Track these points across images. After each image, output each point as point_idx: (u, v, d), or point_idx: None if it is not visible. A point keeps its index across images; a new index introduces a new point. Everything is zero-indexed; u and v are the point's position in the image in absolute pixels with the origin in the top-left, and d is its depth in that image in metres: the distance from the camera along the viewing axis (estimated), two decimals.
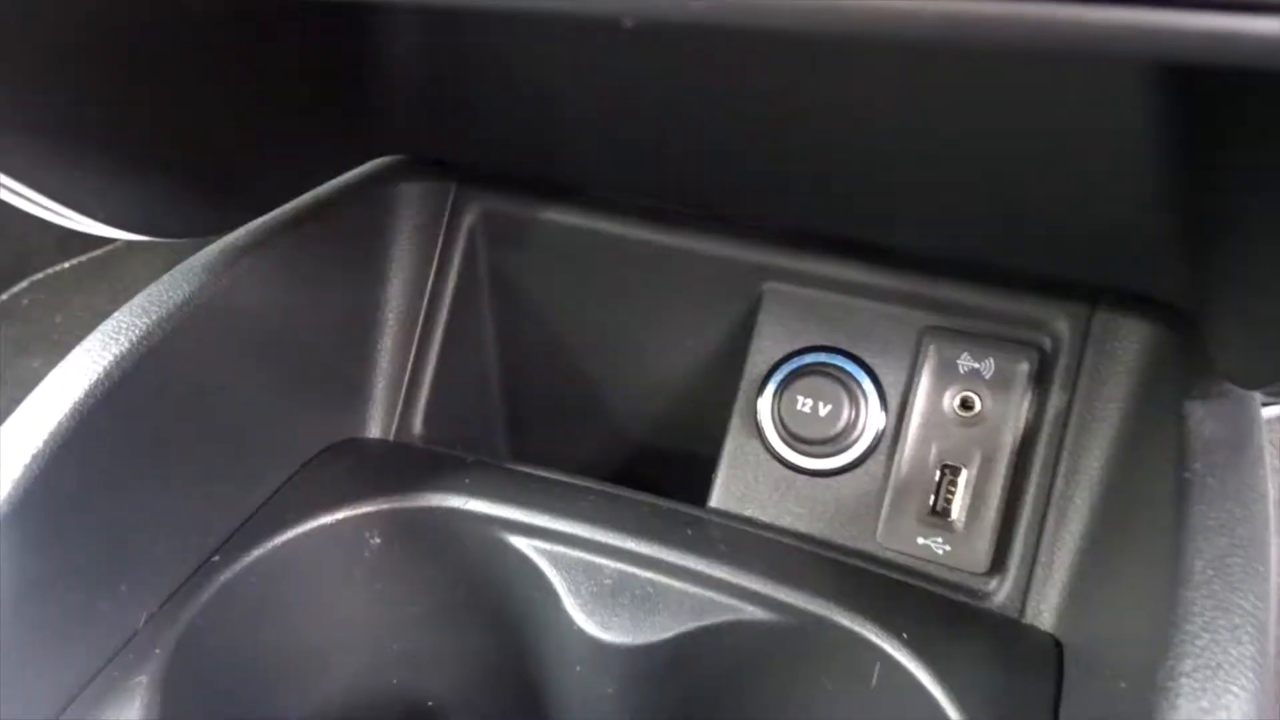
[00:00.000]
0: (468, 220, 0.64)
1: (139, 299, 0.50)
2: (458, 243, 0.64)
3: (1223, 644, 0.33)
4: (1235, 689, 0.32)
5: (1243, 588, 0.35)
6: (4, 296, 1.54)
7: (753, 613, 0.50)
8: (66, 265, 1.56)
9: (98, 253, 1.60)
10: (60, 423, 0.43)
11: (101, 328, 0.48)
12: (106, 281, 1.60)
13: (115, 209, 0.46)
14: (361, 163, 0.64)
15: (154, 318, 0.48)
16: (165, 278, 0.52)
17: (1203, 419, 0.42)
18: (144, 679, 0.45)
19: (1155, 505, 0.42)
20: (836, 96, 0.41)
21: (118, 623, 0.47)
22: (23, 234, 1.58)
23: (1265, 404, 0.47)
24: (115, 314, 0.49)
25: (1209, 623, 0.34)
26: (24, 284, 1.56)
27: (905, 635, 0.47)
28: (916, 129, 0.41)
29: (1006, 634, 0.50)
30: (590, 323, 0.63)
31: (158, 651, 0.46)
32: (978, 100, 0.38)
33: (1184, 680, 0.32)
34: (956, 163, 0.42)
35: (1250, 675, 0.33)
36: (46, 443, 0.43)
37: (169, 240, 0.51)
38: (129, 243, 1.65)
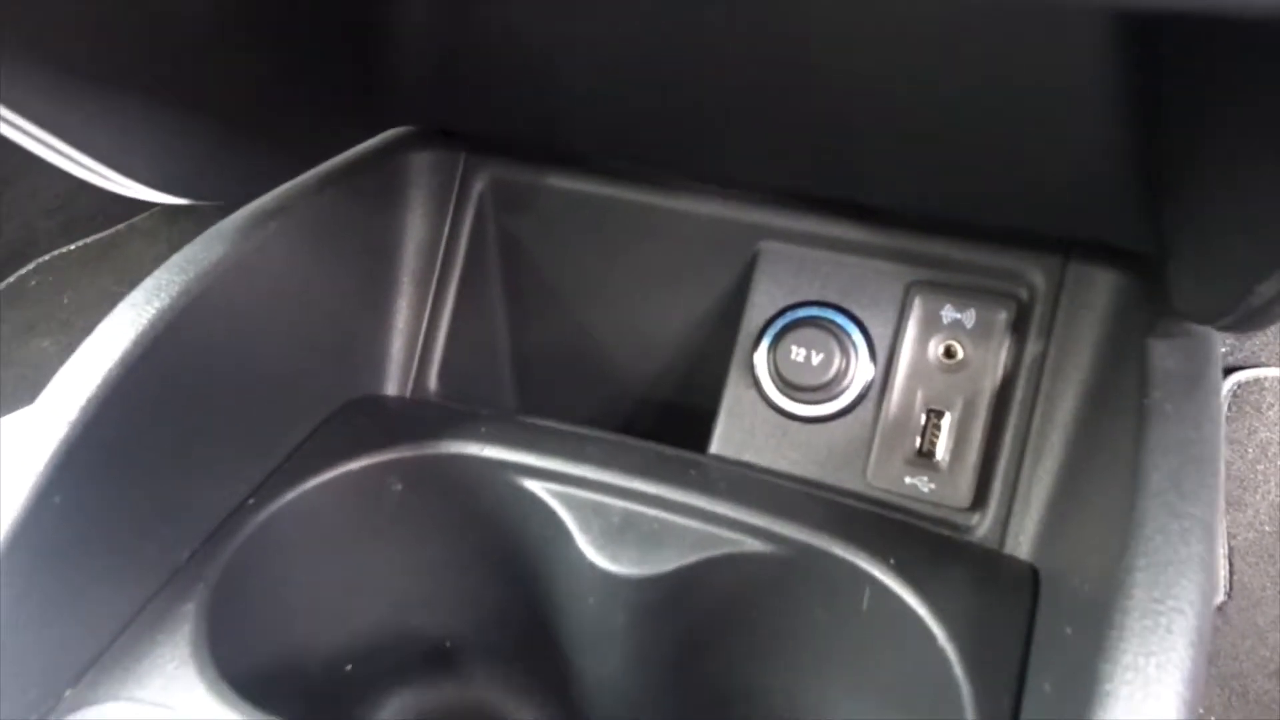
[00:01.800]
0: (477, 188, 0.68)
1: (176, 258, 0.53)
2: (468, 209, 0.67)
3: (1173, 544, 0.37)
4: (1184, 581, 0.36)
5: (1194, 497, 0.39)
6: (11, 279, 1.56)
7: (752, 545, 0.53)
8: (72, 247, 1.59)
9: (102, 235, 1.62)
10: (109, 373, 0.47)
11: (143, 285, 0.51)
12: (111, 263, 1.63)
13: (158, 173, 0.49)
14: (375, 133, 0.67)
15: (191, 275, 0.51)
16: (198, 240, 0.56)
17: (1164, 354, 0.46)
18: (191, 607, 0.49)
19: (1119, 435, 0.46)
20: (823, 58, 0.45)
21: (163, 558, 0.51)
22: (28, 219, 1.61)
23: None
24: (155, 273, 0.52)
25: (1162, 526, 0.38)
26: (30, 266, 1.58)
27: (893, 562, 0.51)
28: (896, 89, 0.45)
29: (987, 563, 0.54)
30: (595, 283, 0.67)
31: (201, 584, 0.50)
32: (950, 58, 0.41)
33: (1138, 574, 0.36)
34: (933, 120, 0.46)
35: (1197, 570, 0.36)
36: (97, 392, 0.46)
37: (201, 204, 0.55)
38: (131, 226, 1.67)
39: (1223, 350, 1.00)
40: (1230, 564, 0.99)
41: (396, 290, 0.67)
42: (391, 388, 0.66)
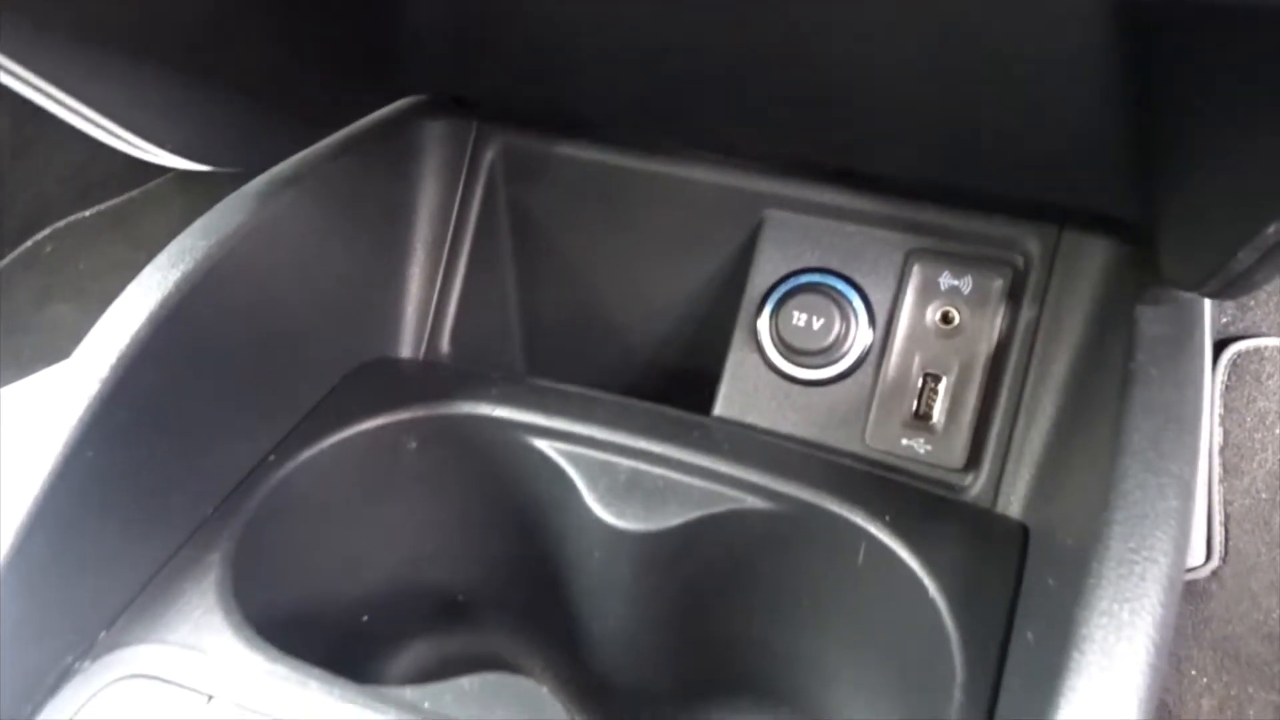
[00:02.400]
0: (488, 156, 0.69)
1: (199, 223, 0.55)
2: (479, 176, 0.69)
3: (1151, 499, 0.39)
4: (1159, 534, 0.38)
5: (1172, 455, 0.40)
6: (28, 244, 1.58)
7: (753, 502, 0.55)
8: (86, 214, 1.61)
9: (115, 202, 1.64)
10: (138, 334, 0.49)
11: (168, 249, 0.53)
12: (125, 230, 1.65)
13: (178, 139, 0.51)
14: (389, 102, 0.69)
15: (214, 241, 0.53)
16: (219, 207, 0.57)
17: (1151, 320, 0.48)
18: (216, 557, 0.51)
19: (1107, 398, 0.47)
20: (826, 29, 0.46)
21: (189, 511, 0.53)
22: (43, 186, 1.63)
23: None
24: (179, 237, 0.54)
25: (1141, 482, 0.39)
26: (46, 232, 1.60)
27: (888, 519, 0.53)
28: (895, 60, 0.46)
29: (979, 521, 0.56)
30: (602, 249, 0.69)
31: (225, 536, 0.53)
32: (947, 29, 0.43)
33: (1115, 527, 0.38)
34: (931, 89, 0.47)
35: (1173, 524, 0.38)
36: (127, 351, 0.48)
37: (221, 170, 0.57)
38: (144, 193, 1.69)
39: (1224, 321, 1.01)
40: (1226, 530, 1.01)
41: (410, 256, 0.69)
42: (405, 350, 0.68)
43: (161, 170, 1.53)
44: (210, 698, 0.44)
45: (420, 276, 0.69)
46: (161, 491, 0.51)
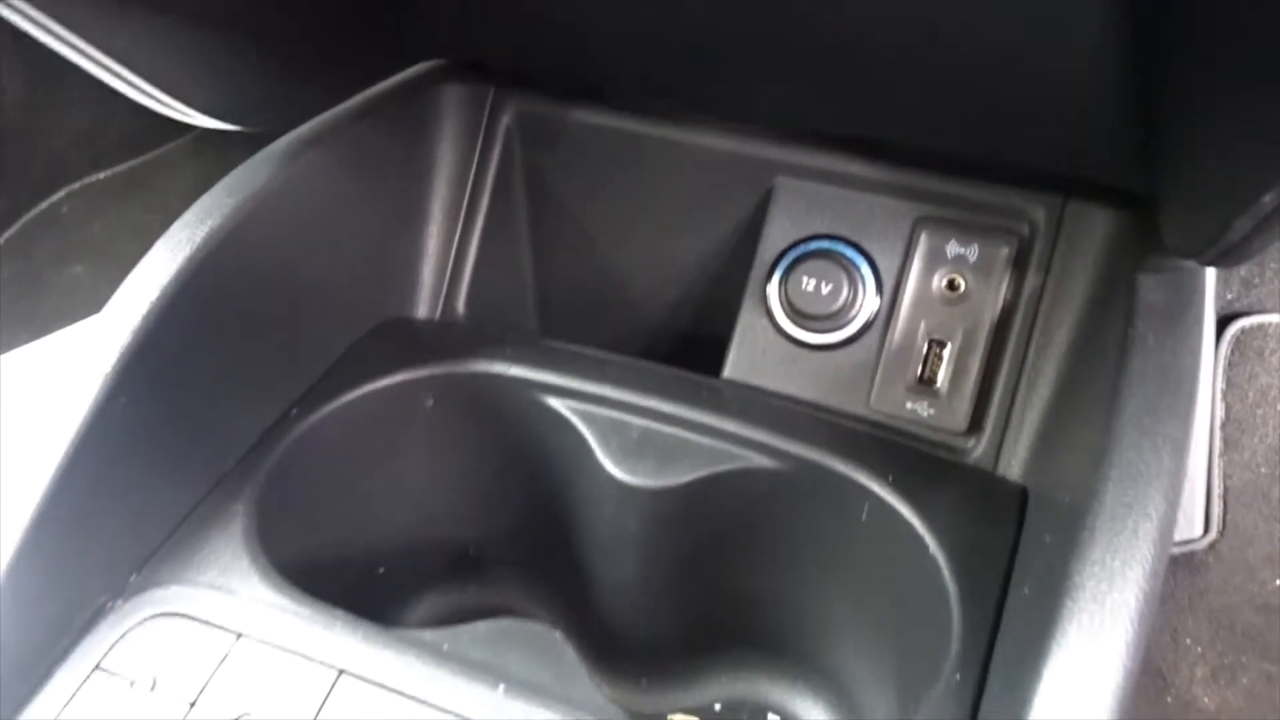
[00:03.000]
0: (505, 120, 0.70)
1: (225, 182, 0.56)
2: (496, 141, 0.70)
3: (1145, 459, 0.41)
4: (1152, 491, 0.40)
5: (1167, 418, 0.42)
6: (44, 205, 1.60)
7: (760, 461, 0.57)
8: (101, 176, 1.62)
9: (129, 165, 1.65)
10: (167, 288, 0.51)
11: (195, 207, 0.54)
12: (139, 193, 1.66)
13: (207, 98, 0.52)
14: (407, 66, 0.70)
15: (239, 199, 0.55)
16: (243, 166, 0.59)
17: (1151, 288, 0.49)
18: (241, 505, 0.53)
19: (1107, 364, 0.49)
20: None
21: (214, 461, 0.55)
22: (57, 148, 1.64)
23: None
24: (205, 195, 0.56)
25: (1135, 442, 0.41)
26: (61, 193, 1.62)
27: (891, 479, 0.55)
28: (905, 28, 0.47)
29: (980, 483, 0.57)
30: (616, 214, 0.70)
31: (249, 486, 0.54)
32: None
33: (1110, 485, 0.40)
34: (940, 58, 0.48)
35: (1165, 482, 0.40)
36: (157, 304, 0.50)
37: (237, 132, 0.58)
38: (157, 157, 1.71)
39: (1229, 297, 1.02)
40: (1224, 504, 1.02)
41: (427, 218, 0.70)
42: (422, 311, 0.70)
43: (173, 135, 1.54)
44: (239, 635, 0.46)
45: (437, 238, 0.70)
46: (189, 440, 0.53)
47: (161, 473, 0.51)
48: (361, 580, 0.64)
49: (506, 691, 0.44)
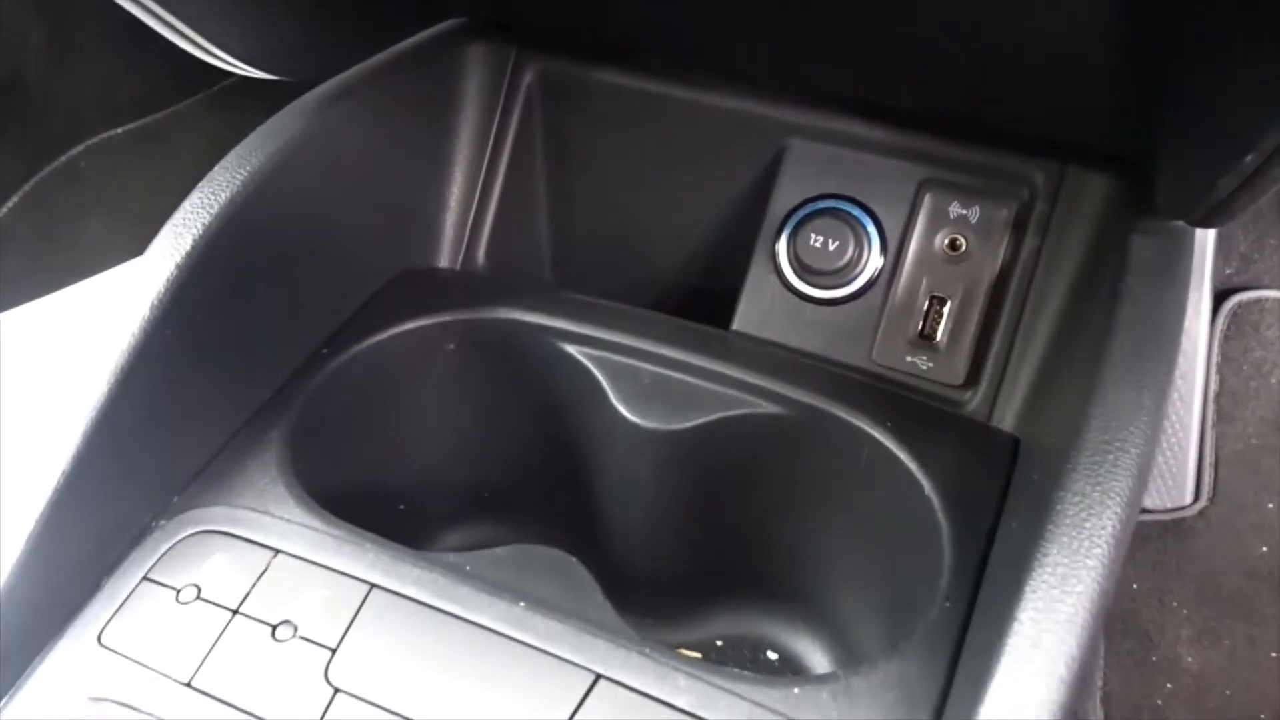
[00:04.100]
0: (527, 78, 0.73)
1: (261, 129, 0.59)
2: (518, 98, 0.73)
3: (1127, 398, 0.43)
4: (1133, 428, 0.43)
5: (1150, 361, 0.45)
6: (62, 159, 1.62)
7: (766, 407, 0.60)
8: (120, 131, 1.64)
9: (147, 121, 1.67)
10: (208, 227, 0.53)
11: (234, 152, 0.57)
12: (157, 149, 1.68)
13: (245, 46, 0.55)
14: (433, 23, 0.72)
15: (275, 145, 0.58)
16: (275, 117, 0.61)
17: (1141, 246, 0.52)
18: (275, 435, 0.56)
19: (1097, 318, 0.51)
20: None
21: (251, 393, 0.58)
22: (77, 103, 1.66)
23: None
24: (243, 142, 0.58)
25: (1118, 382, 0.44)
26: (80, 148, 1.64)
27: (890, 425, 0.58)
28: None
29: (974, 432, 0.60)
30: (633, 172, 0.73)
31: (283, 418, 0.58)
32: None
33: (1094, 421, 0.43)
34: (942, 17, 0.50)
35: (1146, 421, 0.43)
36: (198, 241, 0.53)
37: (279, 79, 0.60)
38: (174, 113, 1.72)
39: (1228, 272, 1.05)
40: (1215, 473, 1.05)
41: (450, 172, 0.73)
42: (443, 261, 0.73)
43: (189, 93, 1.56)
44: (276, 552, 0.49)
45: (459, 192, 0.73)
46: (228, 372, 0.56)
47: (203, 401, 0.55)
48: (383, 515, 0.67)
49: (526, 607, 0.47)
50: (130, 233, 1.41)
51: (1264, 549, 1.06)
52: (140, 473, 0.52)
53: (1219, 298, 1.03)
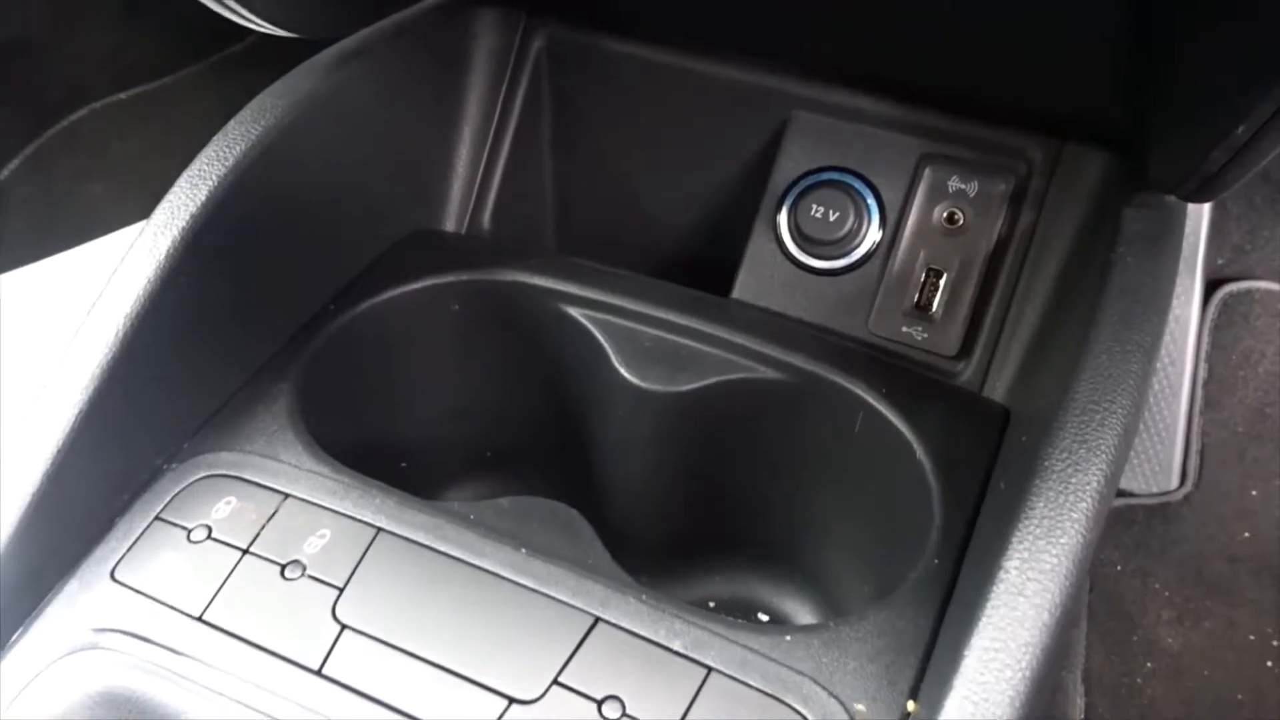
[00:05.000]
0: (536, 46, 0.74)
1: (275, 86, 0.60)
2: (526, 65, 0.74)
3: (1116, 361, 0.45)
4: (1120, 390, 0.44)
5: (1139, 327, 0.46)
6: (65, 122, 1.62)
7: (765, 371, 0.61)
8: (123, 96, 1.64)
9: (151, 86, 1.67)
10: (224, 178, 0.54)
11: (249, 106, 0.58)
12: (159, 115, 1.68)
13: (270, 4, 0.56)
14: None
15: (290, 101, 0.59)
16: (289, 75, 0.62)
17: (1134, 219, 0.53)
18: (285, 386, 0.57)
19: (1088, 289, 0.53)
20: None
21: (261, 344, 0.59)
22: (81, 67, 1.66)
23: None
24: (258, 97, 0.59)
25: (1107, 348, 0.45)
26: (83, 112, 1.64)
27: (884, 391, 0.59)
28: None
29: (966, 401, 0.62)
30: (638, 141, 0.74)
31: (292, 369, 0.59)
32: None
33: (1083, 383, 0.44)
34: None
35: (1133, 384, 0.44)
36: (214, 191, 0.54)
37: (297, 37, 0.61)
38: (178, 80, 1.72)
39: (1220, 263, 1.06)
40: (1201, 459, 1.07)
41: (458, 137, 0.74)
42: (449, 224, 0.74)
43: (193, 60, 1.57)
44: (286, 496, 0.51)
45: (467, 156, 0.74)
46: (239, 323, 0.57)
47: (214, 350, 0.56)
48: (385, 473, 0.69)
49: (528, 553, 0.49)
50: (132, 196, 1.41)
51: (1246, 534, 1.07)
52: (153, 417, 0.53)
53: (1211, 287, 1.04)
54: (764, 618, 0.70)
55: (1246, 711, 1.01)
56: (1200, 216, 0.91)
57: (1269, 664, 1.02)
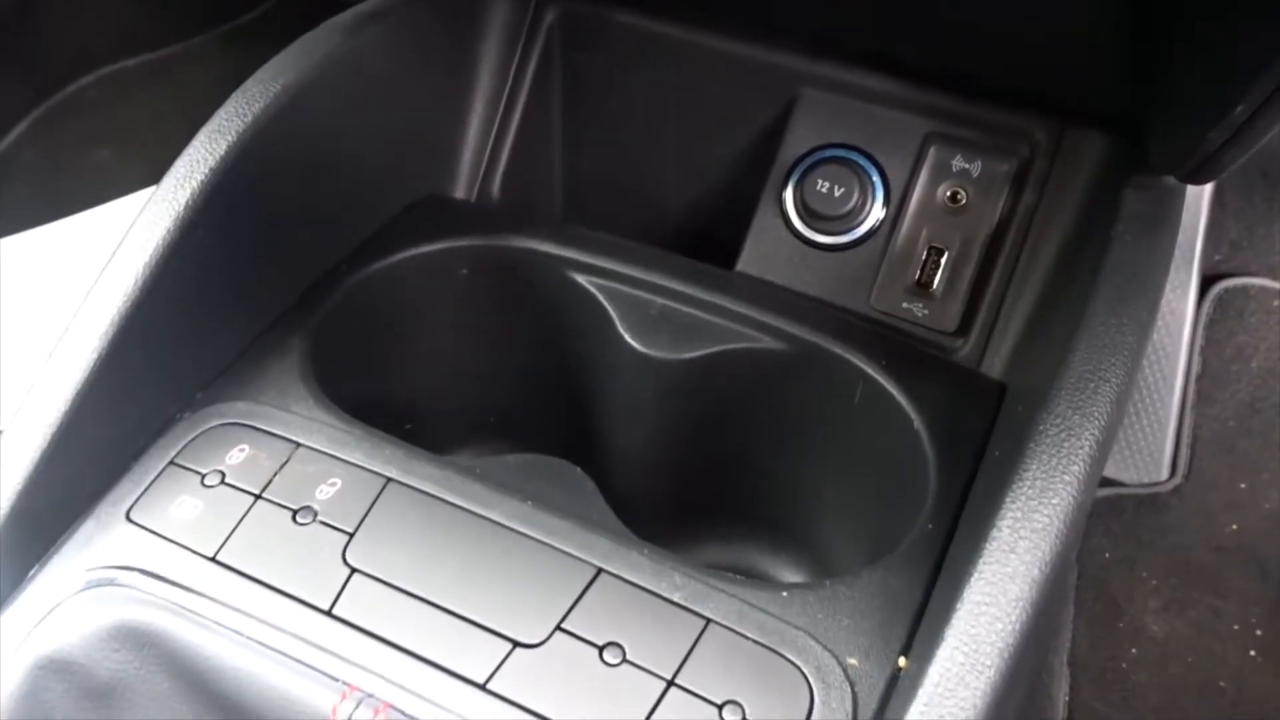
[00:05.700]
0: (548, 18, 0.75)
1: (293, 47, 0.61)
2: (538, 36, 0.75)
3: (1111, 333, 0.46)
4: (1115, 360, 0.45)
5: (1135, 301, 0.48)
6: (71, 88, 1.63)
7: (767, 341, 0.63)
8: (131, 63, 1.65)
9: (159, 54, 1.68)
10: (242, 134, 0.55)
11: (268, 64, 0.59)
12: (166, 83, 1.69)
13: None
14: None
15: (307, 62, 0.59)
16: (307, 36, 0.63)
17: (1133, 200, 0.55)
18: (296, 340, 0.59)
19: (1086, 268, 0.54)
20: None
21: (273, 299, 0.60)
22: (89, 33, 1.66)
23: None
24: (272, 60, 0.60)
25: (1103, 320, 0.47)
26: (90, 77, 1.64)
27: (884, 363, 0.60)
28: None
29: (964, 376, 0.63)
30: (647, 114, 0.75)
31: (304, 324, 0.60)
32: None
33: (1078, 354, 0.46)
34: None
35: (1127, 356, 0.46)
36: (232, 147, 0.55)
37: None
38: (185, 48, 1.72)
39: (1216, 259, 1.07)
40: (1192, 451, 1.08)
41: (470, 105, 0.75)
42: (459, 191, 0.75)
43: (202, 29, 1.57)
44: (298, 445, 0.52)
45: (478, 124, 0.75)
46: (253, 277, 0.58)
47: (228, 302, 0.57)
48: (392, 432, 0.70)
49: (533, 506, 0.50)
50: (139, 162, 1.41)
51: (1234, 526, 1.09)
52: (168, 366, 0.54)
53: (1207, 283, 1.05)
54: None
55: (1228, 698, 1.02)
56: (1198, 212, 0.92)
57: (1251, 653, 1.03)
